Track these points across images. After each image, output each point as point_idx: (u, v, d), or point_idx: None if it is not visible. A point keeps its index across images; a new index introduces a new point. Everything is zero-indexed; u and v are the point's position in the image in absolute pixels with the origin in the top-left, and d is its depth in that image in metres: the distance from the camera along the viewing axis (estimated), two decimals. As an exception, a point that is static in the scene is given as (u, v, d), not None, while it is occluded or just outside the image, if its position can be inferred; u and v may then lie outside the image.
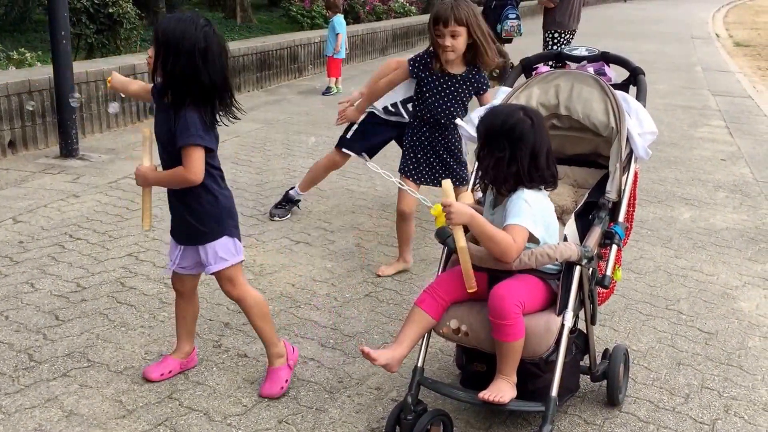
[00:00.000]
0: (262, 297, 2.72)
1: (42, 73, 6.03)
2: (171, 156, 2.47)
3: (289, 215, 4.57)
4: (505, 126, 2.29)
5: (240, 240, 2.65)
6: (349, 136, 4.46)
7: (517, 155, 2.27)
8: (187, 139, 2.38)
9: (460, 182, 3.64)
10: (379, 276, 3.75)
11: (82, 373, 2.78)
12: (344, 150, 4.47)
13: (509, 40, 11.36)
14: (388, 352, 2.33)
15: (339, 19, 9.04)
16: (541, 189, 2.34)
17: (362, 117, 4.25)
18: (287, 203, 4.59)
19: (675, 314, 3.43)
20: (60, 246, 3.99)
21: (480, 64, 3.48)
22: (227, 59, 2.44)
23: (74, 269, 3.70)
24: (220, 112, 2.47)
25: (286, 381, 2.69)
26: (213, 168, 2.53)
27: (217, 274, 2.61)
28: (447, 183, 2.21)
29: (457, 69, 3.49)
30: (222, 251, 2.57)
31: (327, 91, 8.99)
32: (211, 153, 2.47)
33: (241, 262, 2.64)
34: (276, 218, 4.51)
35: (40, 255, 3.86)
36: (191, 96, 2.36)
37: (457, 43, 3.35)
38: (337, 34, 8.92)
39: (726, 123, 7.89)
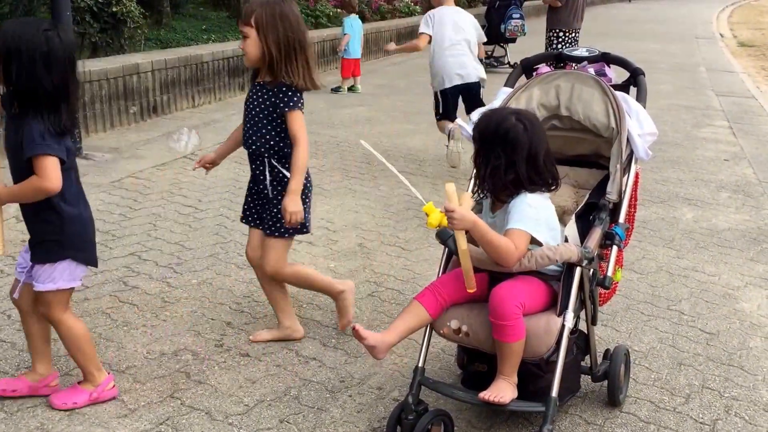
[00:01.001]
0: (82, 328, 2.55)
1: (46, 72, 6.04)
2: (20, 169, 2.33)
3: None
4: (498, 132, 2.28)
5: (88, 265, 2.53)
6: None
7: (514, 161, 2.26)
8: (33, 150, 2.24)
9: (265, 230, 2.89)
10: (252, 341, 3.06)
11: (85, 371, 2.80)
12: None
13: (513, 40, 11.40)
14: (378, 336, 2.32)
15: (348, 20, 9.13)
16: (543, 192, 2.34)
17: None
18: None
19: (676, 314, 3.43)
20: (63, 245, 4.00)
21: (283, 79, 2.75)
22: (73, 66, 2.32)
23: (77, 268, 3.71)
24: (68, 122, 2.31)
25: (75, 403, 2.53)
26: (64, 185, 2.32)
27: (41, 294, 2.45)
28: (450, 186, 2.19)
29: (266, 76, 2.81)
30: (57, 273, 2.43)
31: (336, 89, 9.10)
32: (62, 166, 2.30)
33: (72, 289, 2.50)
34: None
35: (44, 254, 3.86)
36: (34, 104, 2.25)
37: (245, 46, 2.74)
38: (344, 34, 9.00)
39: (729, 123, 7.87)
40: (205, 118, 7.38)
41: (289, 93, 2.77)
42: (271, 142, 2.83)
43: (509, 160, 2.27)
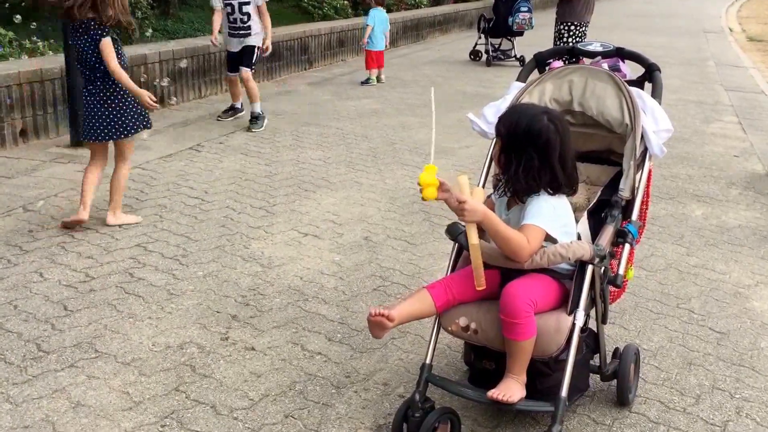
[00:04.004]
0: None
1: (54, 62, 6.03)
2: None
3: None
4: (531, 132, 2.23)
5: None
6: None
7: (550, 163, 2.23)
8: None
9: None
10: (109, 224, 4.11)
11: (90, 363, 2.79)
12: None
13: (521, 33, 11.31)
14: (388, 311, 2.24)
15: (372, 12, 9.29)
16: (563, 194, 2.31)
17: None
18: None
19: (686, 313, 3.39)
20: (69, 236, 3.99)
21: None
22: None
23: (83, 259, 3.71)
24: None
25: None
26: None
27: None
28: (463, 178, 2.16)
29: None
30: None
31: (366, 81, 9.17)
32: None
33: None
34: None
35: (50, 244, 3.86)
36: None
37: None
38: (366, 26, 9.20)
39: (739, 119, 7.80)
40: (211, 108, 7.35)
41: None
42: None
43: (544, 161, 2.23)
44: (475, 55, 11.52)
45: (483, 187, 2.57)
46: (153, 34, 8.60)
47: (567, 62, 2.81)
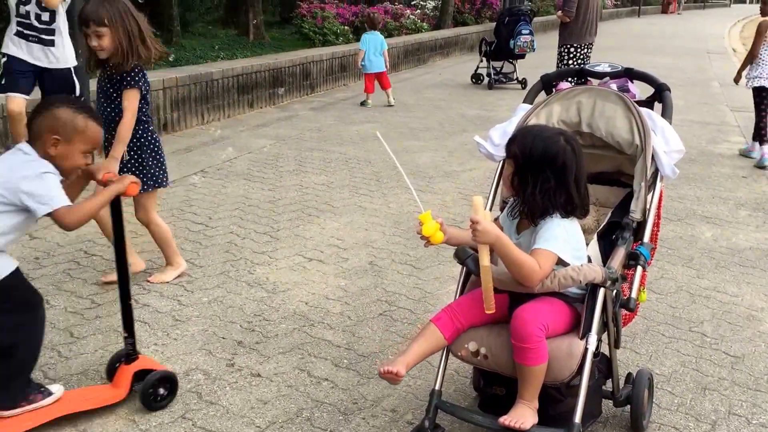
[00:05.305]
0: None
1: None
2: None
3: None
4: (547, 154, 2.20)
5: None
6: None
7: (565, 185, 2.20)
8: None
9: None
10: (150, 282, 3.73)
11: (94, 392, 2.74)
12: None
13: (522, 56, 11.37)
14: (401, 359, 2.22)
15: (365, 36, 9.45)
16: (576, 216, 2.27)
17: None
18: None
19: (699, 337, 3.34)
20: (75, 262, 3.97)
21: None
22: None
23: (89, 286, 3.68)
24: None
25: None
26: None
27: None
28: (477, 199, 2.13)
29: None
30: None
31: (363, 102, 9.40)
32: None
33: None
34: None
35: (56, 271, 3.84)
36: None
37: (103, 43, 3.36)
38: (360, 50, 9.39)
39: (746, 139, 7.77)
40: (214, 134, 7.37)
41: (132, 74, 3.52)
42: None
43: (560, 182, 2.20)
44: (476, 78, 11.58)
45: (491, 209, 2.55)
46: (157, 62, 8.65)
47: (575, 83, 2.80)
